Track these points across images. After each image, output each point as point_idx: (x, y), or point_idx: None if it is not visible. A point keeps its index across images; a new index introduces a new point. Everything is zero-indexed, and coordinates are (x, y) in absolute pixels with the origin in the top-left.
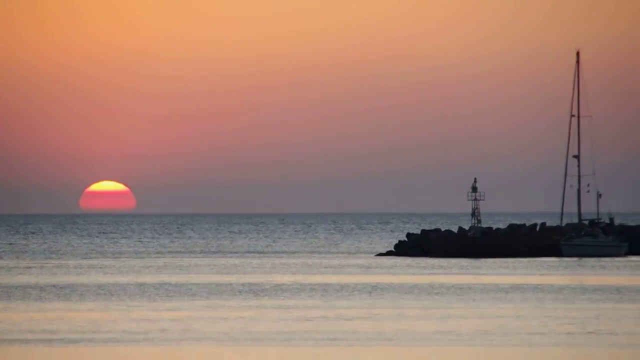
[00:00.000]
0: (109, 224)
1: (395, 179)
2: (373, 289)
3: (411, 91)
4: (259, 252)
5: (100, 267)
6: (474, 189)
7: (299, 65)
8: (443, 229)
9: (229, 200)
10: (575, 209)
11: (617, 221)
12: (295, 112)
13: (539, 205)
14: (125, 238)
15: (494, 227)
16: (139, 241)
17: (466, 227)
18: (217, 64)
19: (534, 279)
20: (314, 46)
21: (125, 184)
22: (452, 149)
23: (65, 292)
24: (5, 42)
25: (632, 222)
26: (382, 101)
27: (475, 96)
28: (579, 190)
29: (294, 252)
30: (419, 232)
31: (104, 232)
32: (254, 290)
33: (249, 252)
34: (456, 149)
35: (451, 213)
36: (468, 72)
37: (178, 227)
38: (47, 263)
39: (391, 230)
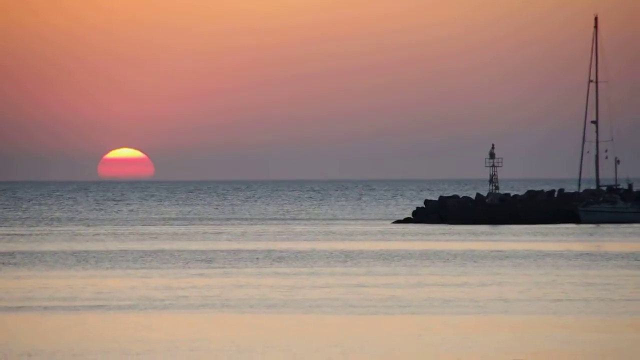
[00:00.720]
0: (128, 190)
1: (413, 146)
2: (390, 257)
3: (424, 63)
4: (277, 219)
5: (118, 235)
6: (492, 155)
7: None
8: (461, 196)
9: (242, 167)
10: (593, 175)
11: (636, 187)
12: (313, 84)
13: (556, 171)
14: (142, 204)
15: (512, 193)
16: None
17: (484, 194)
18: (241, 36)
19: (551, 246)
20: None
21: (143, 151)
22: (470, 116)
23: (81, 258)
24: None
25: None
26: (399, 73)
27: (490, 64)
28: (596, 156)
29: (312, 219)
30: (436, 198)
31: (122, 200)
32: (271, 258)
33: (264, 219)
34: (474, 115)
35: (469, 179)
36: (481, 40)
37: (192, 193)
38: (64, 229)
39: (409, 198)
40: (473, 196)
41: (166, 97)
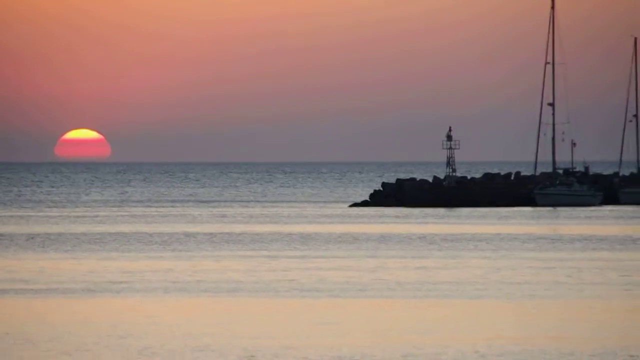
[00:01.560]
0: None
1: (368, 128)
2: (347, 240)
3: (386, 42)
4: (240, 202)
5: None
6: (449, 138)
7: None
8: (418, 179)
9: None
10: (550, 158)
11: (593, 170)
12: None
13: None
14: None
15: (469, 176)
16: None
17: (441, 177)
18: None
19: (506, 229)
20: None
21: (100, 132)
22: (427, 98)
23: (60, 241)
24: None
25: (607, 172)
26: (357, 54)
27: (448, 45)
28: (553, 139)
29: (272, 202)
30: (393, 181)
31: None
32: (230, 240)
33: (226, 201)
34: (431, 97)
35: (426, 162)
36: (440, 21)
37: (145, 177)
38: (41, 212)
39: (366, 180)
40: (430, 179)
41: (124, 77)
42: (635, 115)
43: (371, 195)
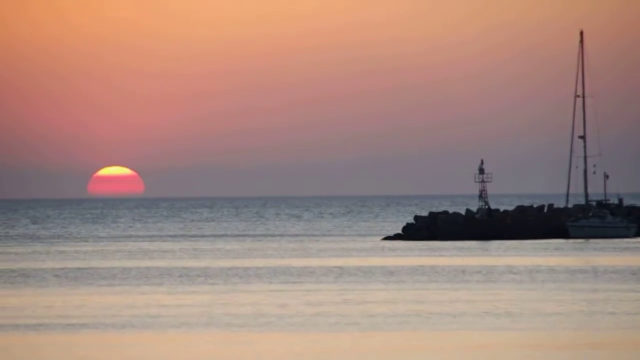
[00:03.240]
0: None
1: (400, 161)
2: (380, 272)
3: (414, 72)
4: (267, 235)
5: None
6: (481, 171)
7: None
8: (451, 212)
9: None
10: (582, 190)
11: (626, 202)
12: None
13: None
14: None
15: (502, 208)
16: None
17: (474, 209)
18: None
19: (538, 261)
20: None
21: (132, 169)
22: (457, 131)
23: (78, 276)
24: (13, 23)
25: None
26: (385, 82)
27: (477, 77)
28: (585, 171)
29: (302, 235)
30: (426, 214)
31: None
32: (263, 274)
33: (251, 235)
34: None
35: (458, 195)
36: (468, 52)
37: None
38: (73, 248)
39: (399, 213)
40: (463, 212)
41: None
42: None
43: (404, 229)
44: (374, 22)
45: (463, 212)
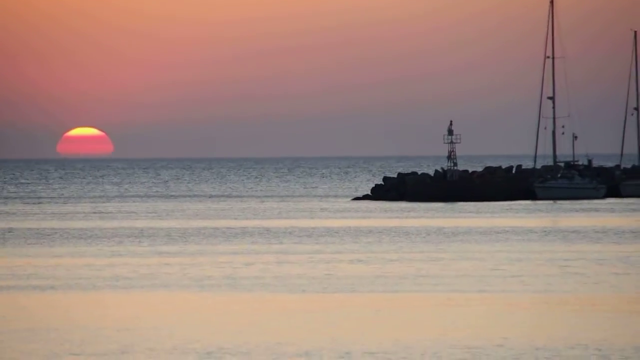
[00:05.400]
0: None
1: (371, 124)
2: (346, 233)
3: (380, 26)
4: (237, 197)
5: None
6: (450, 132)
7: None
8: (419, 173)
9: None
10: (551, 152)
11: (596, 163)
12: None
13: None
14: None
15: (470, 170)
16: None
17: (442, 170)
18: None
19: (503, 222)
20: None
21: (102, 129)
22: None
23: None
24: None
25: (611, 164)
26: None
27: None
28: (553, 132)
29: (271, 196)
30: (395, 175)
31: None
32: (234, 235)
33: (224, 196)
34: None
35: (427, 156)
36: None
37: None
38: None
39: (367, 175)
40: (432, 173)
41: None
42: (636, 108)
43: (373, 190)
44: None
45: (432, 174)
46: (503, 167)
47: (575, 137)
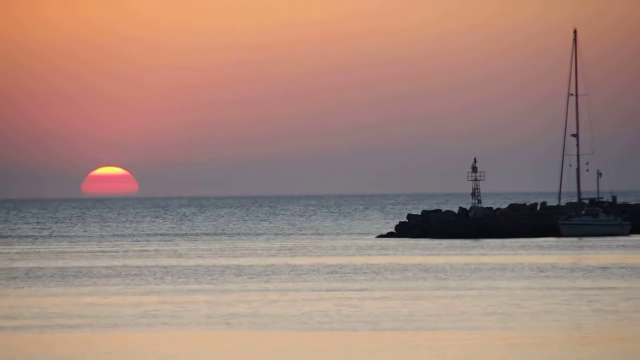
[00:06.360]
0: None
1: (395, 160)
2: (377, 270)
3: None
4: (259, 234)
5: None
6: (474, 169)
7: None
8: (444, 210)
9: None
10: (574, 189)
11: (620, 200)
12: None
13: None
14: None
15: (495, 207)
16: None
17: (467, 208)
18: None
19: (528, 259)
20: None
21: (125, 168)
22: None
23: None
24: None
25: (636, 201)
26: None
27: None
28: (577, 169)
29: (296, 234)
30: (419, 213)
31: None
32: (259, 273)
33: (248, 234)
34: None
35: (451, 194)
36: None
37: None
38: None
39: (392, 212)
40: (456, 210)
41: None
42: None
43: (397, 227)
44: (361, 14)
45: (456, 211)
46: (527, 204)
47: (599, 174)
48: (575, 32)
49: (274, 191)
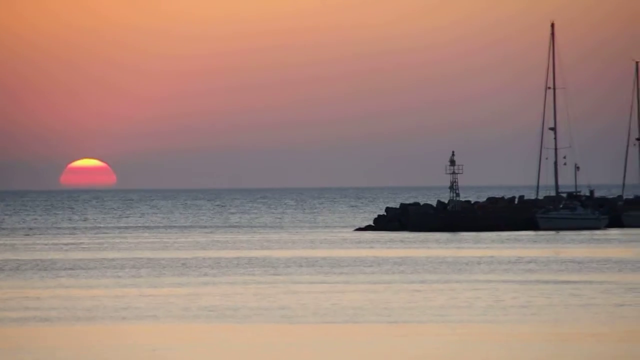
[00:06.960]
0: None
1: (373, 154)
2: (354, 263)
3: (379, 57)
4: (241, 227)
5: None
6: (452, 163)
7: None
8: (422, 203)
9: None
10: (552, 182)
11: (598, 194)
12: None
13: (516, 178)
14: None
15: (473, 200)
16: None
17: (445, 201)
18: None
19: (505, 252)
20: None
21: (104, 161)
22: (429, 124)
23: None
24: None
25: (612, 195)
26: (354, 66)
27: (452, 75)
28: (555, 163)
29: (276, 227)
30: (397, 206)
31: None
32: (235, 265)
33: (231, 227)
34: (432, 124)
35: (429, 187)
36: (440, 39)
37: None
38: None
39: (371, 205)
40: (434, 204)
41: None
42: (638, 139)
43: (375, 220)
44: (345, 5)
45: (434, 204)
46: (505, 197)
47: (577, 168)
48: (552, 25)
49: (255, 184)
